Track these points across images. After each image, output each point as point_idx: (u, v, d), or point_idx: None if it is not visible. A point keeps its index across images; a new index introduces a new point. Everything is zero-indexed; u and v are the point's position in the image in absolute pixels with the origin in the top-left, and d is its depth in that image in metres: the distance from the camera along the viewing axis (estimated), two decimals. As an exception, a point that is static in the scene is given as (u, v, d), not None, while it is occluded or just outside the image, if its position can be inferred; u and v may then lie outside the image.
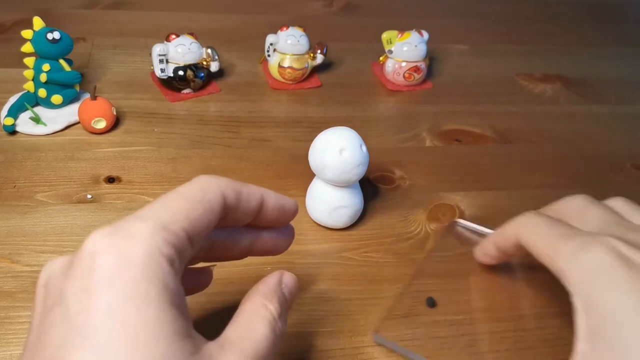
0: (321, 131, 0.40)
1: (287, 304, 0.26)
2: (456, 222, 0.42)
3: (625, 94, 0.64)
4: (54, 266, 0.22)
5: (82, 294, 0.20)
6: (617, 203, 0.33)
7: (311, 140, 0.40)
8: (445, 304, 0.36)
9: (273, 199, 0.27)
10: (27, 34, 0.47)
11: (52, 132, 0.48)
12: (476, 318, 0.36)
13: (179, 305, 0.20)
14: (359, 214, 0.42)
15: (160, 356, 0.19)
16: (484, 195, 0.47)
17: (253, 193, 0.26)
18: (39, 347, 0.20)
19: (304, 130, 0.52)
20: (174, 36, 0.53)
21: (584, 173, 0.51)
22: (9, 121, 0.47)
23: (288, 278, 0.27)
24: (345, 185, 0.40)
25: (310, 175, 0.41)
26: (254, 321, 0.24)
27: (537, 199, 0.40)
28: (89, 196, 0.42)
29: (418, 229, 0.43)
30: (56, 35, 0.47)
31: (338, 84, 0.59)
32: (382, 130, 0.54)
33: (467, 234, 0.42)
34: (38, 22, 0.47)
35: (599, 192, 0.36)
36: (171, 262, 0.21)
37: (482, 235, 0.41)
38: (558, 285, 0.29)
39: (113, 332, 0.19)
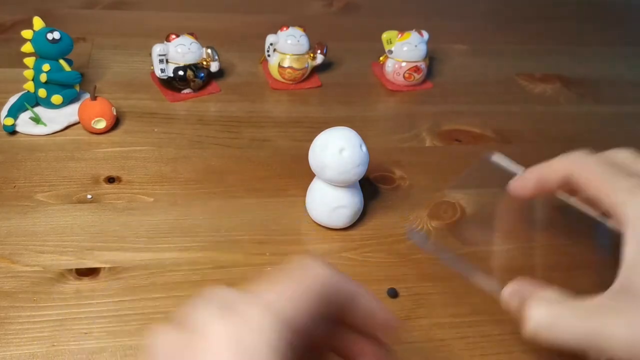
0: (321, 131, 0.40)
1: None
2: (492, 155, 0.41)
3: (625, 94, 0.64)
4: (165, 336, 0.21)
5: None
6: None
7: (311, 140, 0.40)
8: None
9: (365, 301, 0.24)
10: (27, 34, 0.47)
11: (52, 132, 0.48)
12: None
13: None
14: (359, 214, 0.42)
15: None
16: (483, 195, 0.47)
17: (354, 289, 0.24)
18: None
19: (304, 130, 0.52)
20: (174, 36, 0.53)
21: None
22: (9, 121, 0.47)
23: (387, 316, 0.25)
24: (345, 185, 0.40)
25: (310, 175, 0.41)
26: None
27: (537, 199, 0.40)
28: (89, 196, 0.42)
29: (418, 229, 0.43)
30: (56, 35, 0.47)
31: (338, 84, 0.59)
32: (382, 130, 0.54)
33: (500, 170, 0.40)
34: (38, 22, 0.47)
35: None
36: (282, 340, 0.20)
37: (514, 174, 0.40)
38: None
39: None
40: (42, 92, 0.48)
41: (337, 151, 0.38)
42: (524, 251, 0.37)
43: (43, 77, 0.47)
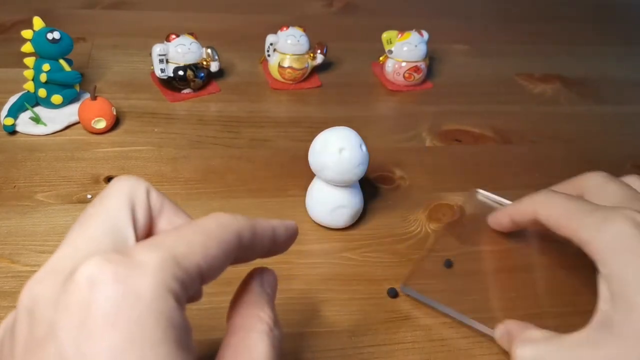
0: (321, 131, 0.40)
1: (274, 303, 0.24)
2: (477, 191, 0.45)
3: (625, 94, 0.64)
4: (40, 287, 0.19)
5: (79, 333, 0.17)
6: (633, 180, 0.35)
7: (311, 140, 0.40)
8: (461, 263, 0.39)
9: (282, 230, 0.24)
10: (27, 34, 0.47)
11: (52, 132, 0.48)
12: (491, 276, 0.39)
13: (185, 344, 0.18)
14: (359, 214, 0.42)
15: None
16: (484, 195, 0.47)
17: (266, 228, 0.23)
18: None
19: (304, 130, 0.52)
20: (174, 36, 0.53)
21: (584, 173, 0.51)
22: (9, 121, 0.47)
23: (268, 275, 0.25)
24: (345, 185, 0.40)
25: (310, 175, 0.41)
26: (250, 339, 0.22)
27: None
28: (89, 196, 0.42)
29: (418, 229, 0.43)
30: (56, 35, 0.47)
31: (338, 84, 0.59)
32: (382, 130, 0.54)
33: (486, 203, 0.44)
34: (38, 22, 0.47)
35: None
36: (178, 299, 0.18)
37: (500, 205, 0.43)
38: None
39: None
40: (42, 92, 0.48)
41: (337, 151, 0.38)
42: (516, 285, 0.39)
43: (43, 77, 0.47)
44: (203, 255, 0.20)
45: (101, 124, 0.48)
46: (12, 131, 0.47)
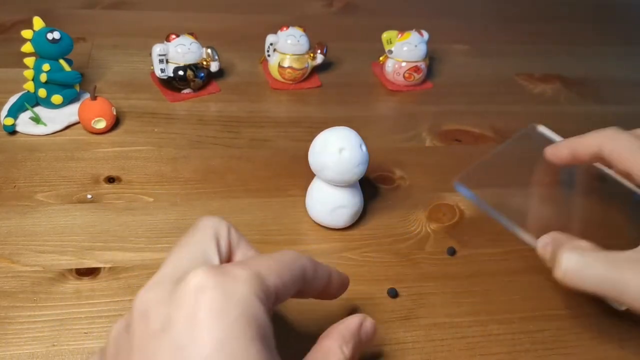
0: (321, 131, 0.40)
1: (361, 348, 0.28)
2: (536, 126, 0.43)
3: (625, 94, 0.64)
4: (152, 294, 0.23)
5: (190, 324, 0.21)
6: None
7: (311, 140, 0.40)
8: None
9: (336, 276, 0.30)
10: (27, 34, 0.47)
11: (52, 132, 0.48)
12: None
13: (269, 341, 0.23)
14: (359, 214, 0.42)
15: None
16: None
17: (324, 270, 0.29)
18: None
19: (304, 130, 0.52)
20: (174, 36, 0.53)
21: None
22: (9, 121, 0.47)
23: (368, 325, 0.29)
24: (345, 185, 0.40)
25: (310, 175, 0.41)
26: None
27: (537, 199, 0.40)
28: (89, 196, 0.42)
29: (418, 229, 0.43)
30: (56, 35, 0.47)
31: (338, 84, 0.59)
32: (382, 130, 0.54)
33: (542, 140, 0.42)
34: (38, 22, 0.47)
35: (599, 192, 0.36)
36: (264, 304, 0.23)
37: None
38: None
39: None
40: (42, 92, 0.48)
41: (336, 151, 0.38)
42: (559, 213, 0.39)
43: (43, 77, 0.47)
44: (279, 277, 0.24)
45: (101, 124, 0.48)
46: (12, 131, 0.47)
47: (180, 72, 0.53)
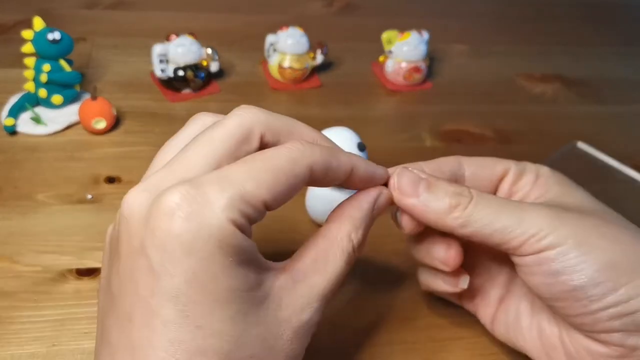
0: (321, 131, 0.39)
1: (371, 224, 0.27)
2: (576, 143, 0.40)
3: (625, 94, 0.64)
4: (136, 202, 0.23)
5: (163, 256, 0.21)
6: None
7: (311, 141, 0.40)
8: None
9: (363, 169, 0.27)
10: (27, 34, 0.47)
11: (52, 132, 0.48)
12: None
13: (250, 260, 0.23)
14: (359, 214, 0.42)
15: (235, 314, 0.22)
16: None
17: (343, 165, 0.25)
18: (129, 281, 0.22)
19: (304, 130, 0.52)
20: (174, 36, 0.53)
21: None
22: (10, 121, 0.47)
23: (383, 198, 0.27)
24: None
25: (310, 175, 0.41)
26: (333, 252, 0.25)
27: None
28: (89, 196, 0.42)
29: (418, 229, 0.43)
30: (57, 35, 0.47)
31: (338, 84, 0.59)
32: (382, 130, 0.54)
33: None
34: (38, 23, 0.47)
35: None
36: (243, 230, 0.22)
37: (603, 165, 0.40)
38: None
39: (194, 297, 0.21)
40: (42, 92, 0.48)
41: (337, 151, 0.38)
42: None
43: (43, 77, 0.47)
44: (269, 191, 0.23)
45: (101, 124, 0.48)
46: (12, 131, 0.47)
47: (180, 72, 0.53)
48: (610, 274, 0.25)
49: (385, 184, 0.28)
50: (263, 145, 0.25)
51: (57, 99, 0.49)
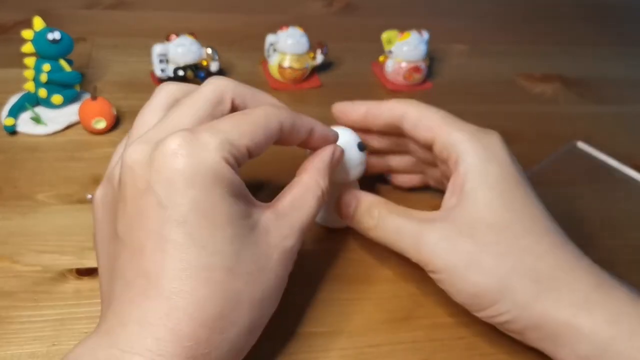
0: (321, 131, 0.40)
1: (332, 173, 0.33)
2: (576, 143, 0.42)
3: (625, 94, 0.64)
4: (137, 154, 0.26)
5: (169, 189, 0.25)
6: None
7: (311, 140, 0.40)
8: None
9: (320, 129, 0.33)
10: (27, 34, 0.47)
11: (52, 132, 0.48)
12: None
13: (240, 194, 0.27)
14: (359, 214, 0.42)
15: (232, 236, 0.26)
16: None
17: (305, 124, 0.32)
18: (137, 219, 0.26)
19: (304, 130, 0.52)
20: (174, 36, 0.53)
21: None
22: (10, 121, 0.47)
23: (338, 152, 0.34)
24: (344, 184, 0.40)
25: (310, 175, 0.41)
26: (307, 195, 0.31)
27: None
28: (89, 196, 0.42)
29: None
30: (57, 35, 0.47)
31: (338, 84, 0.59)
32: (382, 130, 0.54)
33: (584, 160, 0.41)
34: (38, 22, 0.47)
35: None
36: (233, 167, 0.27)
37: (604, 165, 0.41)
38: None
39: (198, 222, 0.25)
40: (42, 92, 0.48)
41: (337, 151, 0.38)
42: None
43: (43, 77, 0.47)
44: (250, 139, 0.28)
45: (101, 124, 0.48)
46: (12, 131, 0.47)
47: (180, 72, 0.53)
48: (479, 300, 0.32)
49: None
50: (234, 108, 0.31)
51: (57, 99, 0.49)
